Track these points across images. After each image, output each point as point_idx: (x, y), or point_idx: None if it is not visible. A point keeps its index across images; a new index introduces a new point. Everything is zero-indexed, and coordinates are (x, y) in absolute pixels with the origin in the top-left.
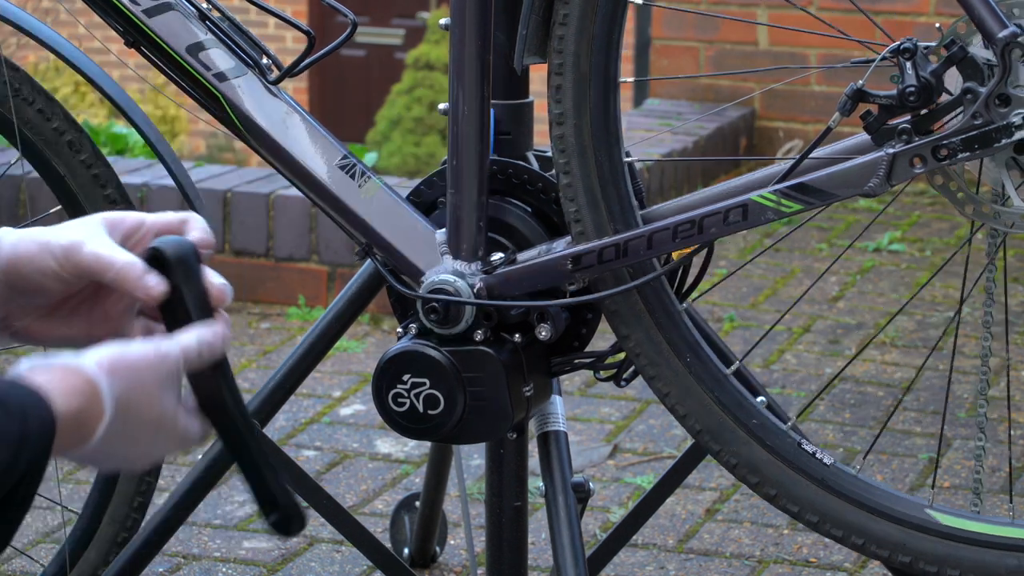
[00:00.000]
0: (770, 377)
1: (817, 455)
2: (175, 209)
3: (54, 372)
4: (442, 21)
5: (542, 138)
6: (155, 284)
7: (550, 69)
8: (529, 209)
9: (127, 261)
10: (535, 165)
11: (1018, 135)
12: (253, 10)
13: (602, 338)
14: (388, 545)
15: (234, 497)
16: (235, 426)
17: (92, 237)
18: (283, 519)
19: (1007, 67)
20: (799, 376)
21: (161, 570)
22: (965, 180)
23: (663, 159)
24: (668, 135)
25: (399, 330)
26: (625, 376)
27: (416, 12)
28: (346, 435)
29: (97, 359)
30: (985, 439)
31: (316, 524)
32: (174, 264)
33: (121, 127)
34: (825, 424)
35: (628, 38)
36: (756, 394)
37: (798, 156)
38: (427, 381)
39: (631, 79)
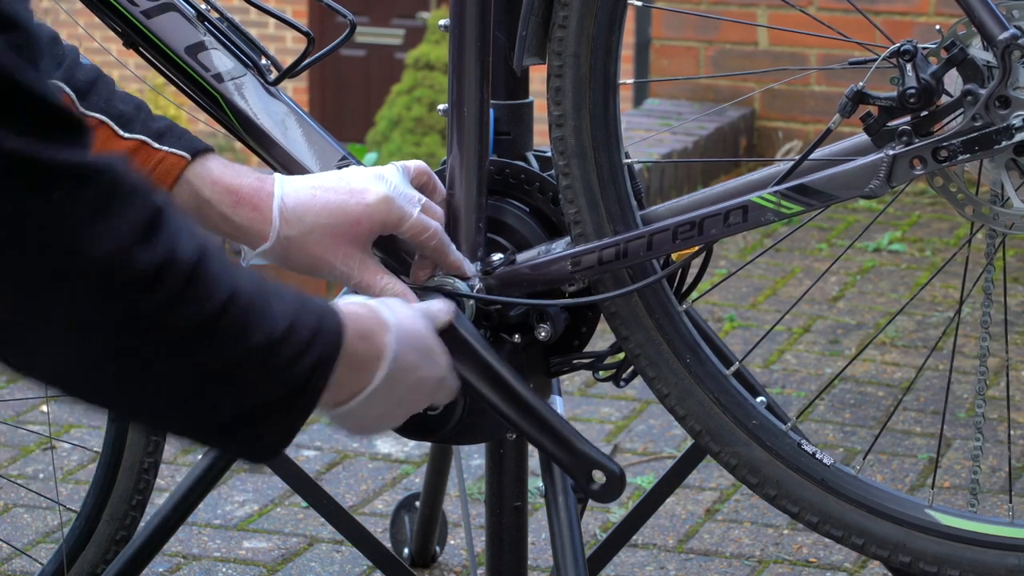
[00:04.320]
0: (770, 377)
1: (817, 455)
2: None
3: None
4: (441, 22)
5: (542, 138)
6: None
7: (549, 71)
8: (528, 209)
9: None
10: (535, 165)
11: (1018, 137)
12: (253, 11)
13: (602, 338)
14: (388, 545)
15: (234, 497)
16: (517, 394)
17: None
18: (607, 484)
19: (1007, 69)
20: (799, 376)
21: (161, 570)
22: (965, 181)
23: (663, 159)
24: (668, 135)
25: None
26: (624, 376)
27: (416, 12)
28: (346, 435)
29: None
30: (983, 439)
31: (316, 524)
32: None
33: None
34: (825, 424)
35: (628, 38)
36: (756, 394)
37: (798, 157)
38: None
39: (631, 80)
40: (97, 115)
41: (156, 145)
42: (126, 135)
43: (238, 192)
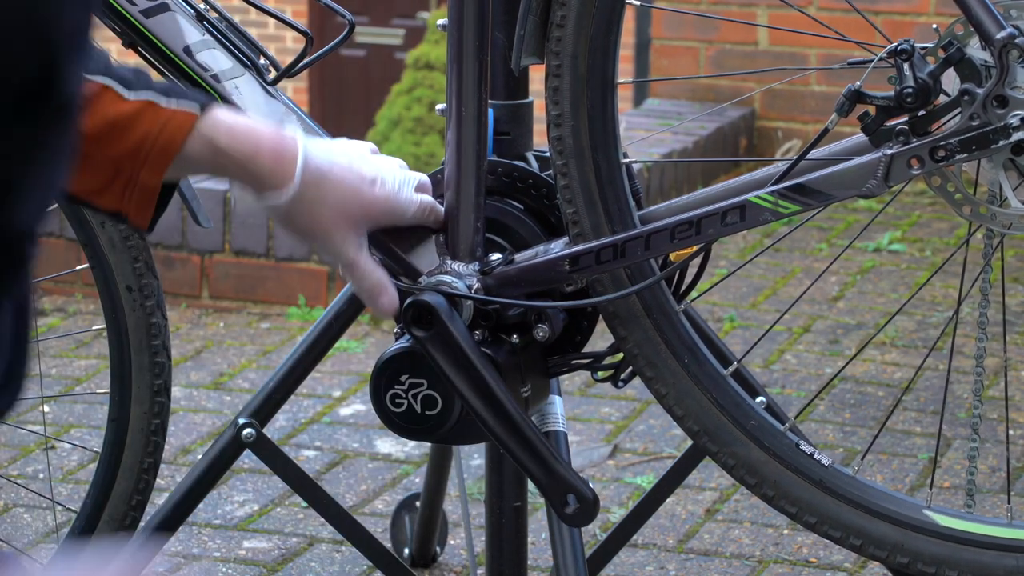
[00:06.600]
0: (770, 377)
1: (815, 456)
2: (173, 211)
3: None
4: (440, 22)
5: (542, 138)
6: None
7: (548, 71)
8: (526, 209)
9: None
10: (535, 165)
11: (1015, 136)
12: (252, 11)
13: (601, 338)
14: (388, 545)
15: (234, 497)
16: (501, 405)
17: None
18: (581, 509)
19: (1004, 68)
20: (799, 376)
21: (161, 570)
22: (963, 181)
23: (663, 159)
24: (668, 135)
25: (396, 330)
26: (623, 377)
27: (416, 12)
28: (346, 435)
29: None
30: (979, 439)
31: (316, 524)
32: None
33: None
34: (825, 424)
35: (628, 38)
36: (755, 395)
37: (796, 157)
38: (425, 382)
39: (629, 80)
40: (99, 78)
41: (164, 103)
42: (131, 96)
43: (258, 141)
